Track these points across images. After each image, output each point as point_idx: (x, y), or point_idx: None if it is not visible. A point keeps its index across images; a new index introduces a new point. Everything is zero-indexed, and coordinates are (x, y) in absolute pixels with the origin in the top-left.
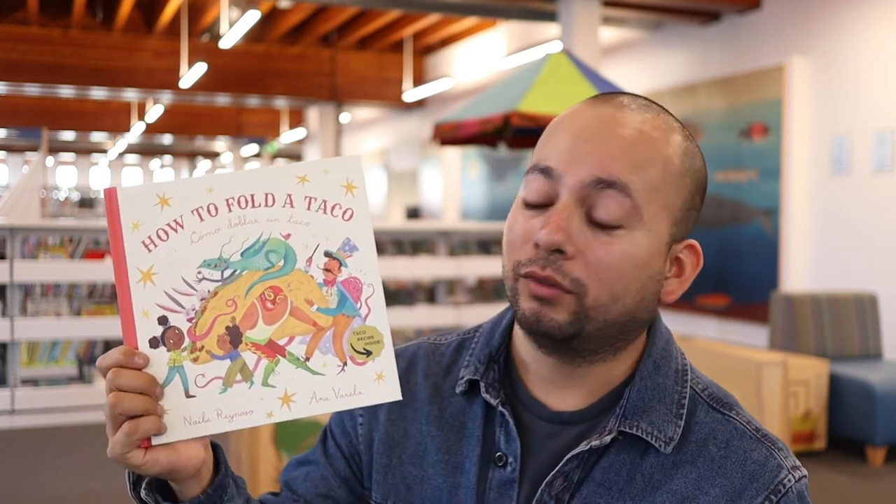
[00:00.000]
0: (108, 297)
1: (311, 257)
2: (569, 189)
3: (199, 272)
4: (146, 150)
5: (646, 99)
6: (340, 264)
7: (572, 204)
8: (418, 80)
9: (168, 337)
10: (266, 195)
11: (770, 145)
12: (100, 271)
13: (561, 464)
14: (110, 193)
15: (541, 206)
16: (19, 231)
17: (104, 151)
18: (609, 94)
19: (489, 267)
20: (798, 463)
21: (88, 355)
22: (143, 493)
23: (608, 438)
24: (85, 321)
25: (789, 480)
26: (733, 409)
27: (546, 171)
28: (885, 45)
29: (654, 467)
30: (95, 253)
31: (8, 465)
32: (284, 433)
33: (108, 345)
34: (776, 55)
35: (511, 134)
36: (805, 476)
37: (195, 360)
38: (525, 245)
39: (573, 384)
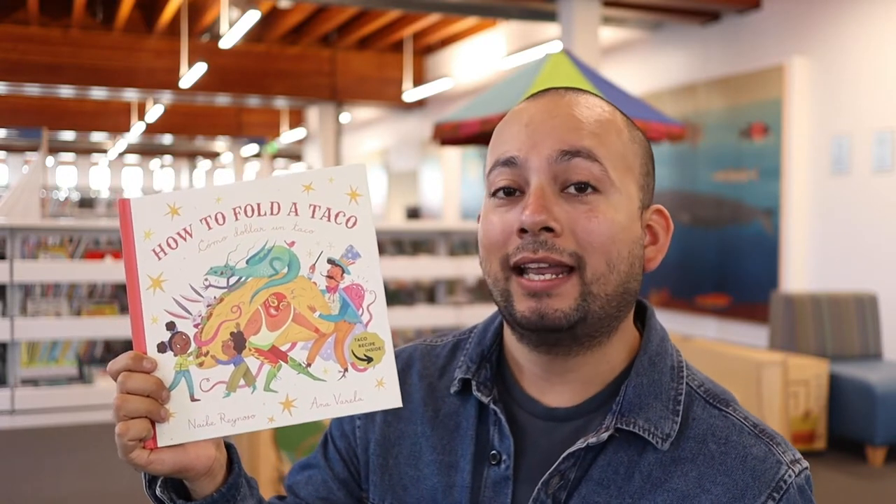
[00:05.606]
0: (108, 297)
1: (314, 264)
2: (536, 170)
3: (206, 279)
4: (146, 150)
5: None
6: (343, 271)
7: (545, 183)
8: (418, 80)
9: (175, 342)
10: (272, 204)
11: (770, 145)
12: (100, 271)
13: (557, 462)
14: (124, 204)
15: (510, 198)
16: (19, 231)
17: (104, 151)
18: (549, 88)
19: None
20: (798, 456)
21: (88, 355)
22: (158, 491)
23: (605, 436)
24: (85, 321)
25: (790, 476)
26: (730, 405)
27: (508, 162)
28: (885, 45)
29: (652, 465)
30: (95, 253)
31: (8, 465)
32: (285, 433)
33: (109, 345)
34: (776, 55)
35: None
36: (806, 468)
37: (200, 364)
38: (508, 237)
39: (567, 379)
